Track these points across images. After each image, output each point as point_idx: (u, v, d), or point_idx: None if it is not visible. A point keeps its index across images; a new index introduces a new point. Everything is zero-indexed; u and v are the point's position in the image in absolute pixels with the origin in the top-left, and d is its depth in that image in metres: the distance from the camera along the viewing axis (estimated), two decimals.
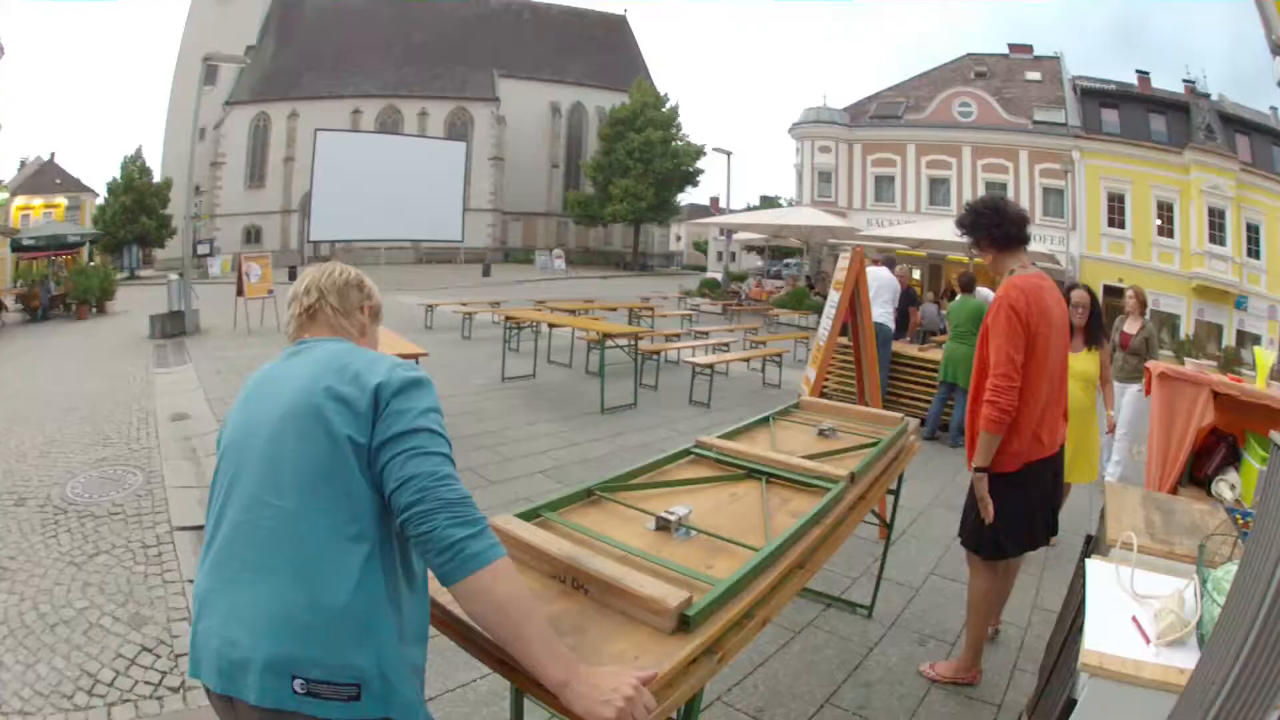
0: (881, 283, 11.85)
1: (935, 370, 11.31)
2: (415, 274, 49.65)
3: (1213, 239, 36.04)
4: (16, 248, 36.90)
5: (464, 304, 21.78)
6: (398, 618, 1.91)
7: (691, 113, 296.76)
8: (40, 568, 5.78)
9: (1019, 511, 4.33)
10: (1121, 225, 39.13)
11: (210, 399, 11.90)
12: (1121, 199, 39.14)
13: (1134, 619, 2.61)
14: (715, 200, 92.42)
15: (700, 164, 66.75)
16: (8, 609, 5.16)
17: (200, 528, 6.45)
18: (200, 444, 9.27)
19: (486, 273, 51.38)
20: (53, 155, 73.92)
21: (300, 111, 71.18)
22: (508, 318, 15.33)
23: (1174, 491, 5.30)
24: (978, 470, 4.25)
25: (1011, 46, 48.57)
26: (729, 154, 40.99)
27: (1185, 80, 40.91)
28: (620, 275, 61.57)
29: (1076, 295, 6.96)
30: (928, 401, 11.54)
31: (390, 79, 74.51)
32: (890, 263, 12.83)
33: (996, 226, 4.44)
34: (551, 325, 14.88)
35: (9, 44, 30.76)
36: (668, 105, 66.65)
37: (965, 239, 4.61)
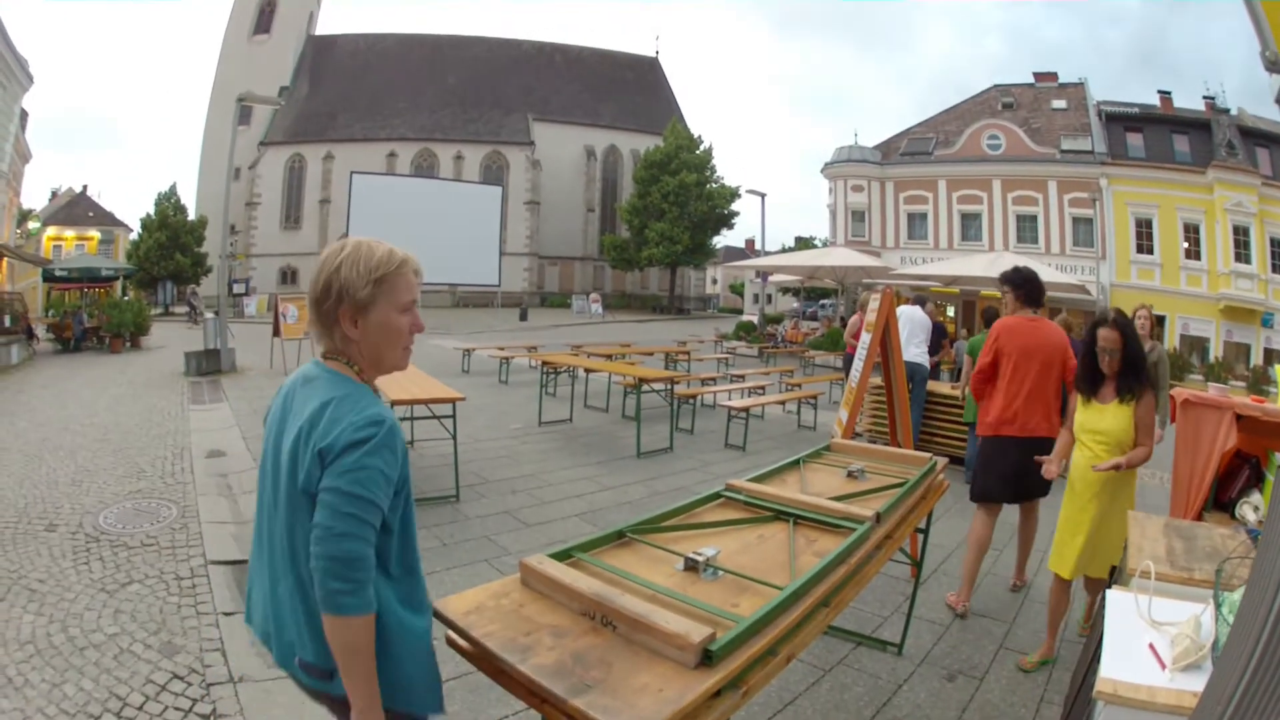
0: (916, 323, 11.85)
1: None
2: (452, 318, 49.81)
3: (1238, 257, 35.95)
4: (49, 278, 37.33)
5: (501, 348, 21.86)
6: (393, 619, 2.27)
7: (725, 153, 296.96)
8: (70, 592, 5.85)
9: (990, 470, 6.44)
10: (1150, 251, 39.09)
11: (246, 437, 11.94)
12: (1149, 224, 39.12)
13: (1150, 646, 2.64)
14: (750, 242, 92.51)
15: (735, 206, 66.70)
16: (36, 629, 5.23)
17: (236, 563, 6.52)
18: (236, 481, 9.32)
19: (524, 317, 51.34)
20: (85, 188, 74.57)
21: (335, 153, 72.16)
22: (544, 362, 15.32)
23: (1199, 517, 5.30)
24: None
25: (1037, 75, 48.83)
26: (763, 195, 40.65)
27: (1205, 97, 41.17)
28: (657, 319, 61.61)
29: (1103, 337, 5.28)
30: (962, 439, 11.34)
31: (425, 122, 75.09)
32: (921, 301, 12.79)
33: (1030, 293, 6.66)
34: (588, 370, 14.94)
35: (39, 74, 31.05)
36: (701, 147, 66.76)
37: (1002, 285, 6.80)
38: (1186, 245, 37.97)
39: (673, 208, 64.15)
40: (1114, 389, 5.29)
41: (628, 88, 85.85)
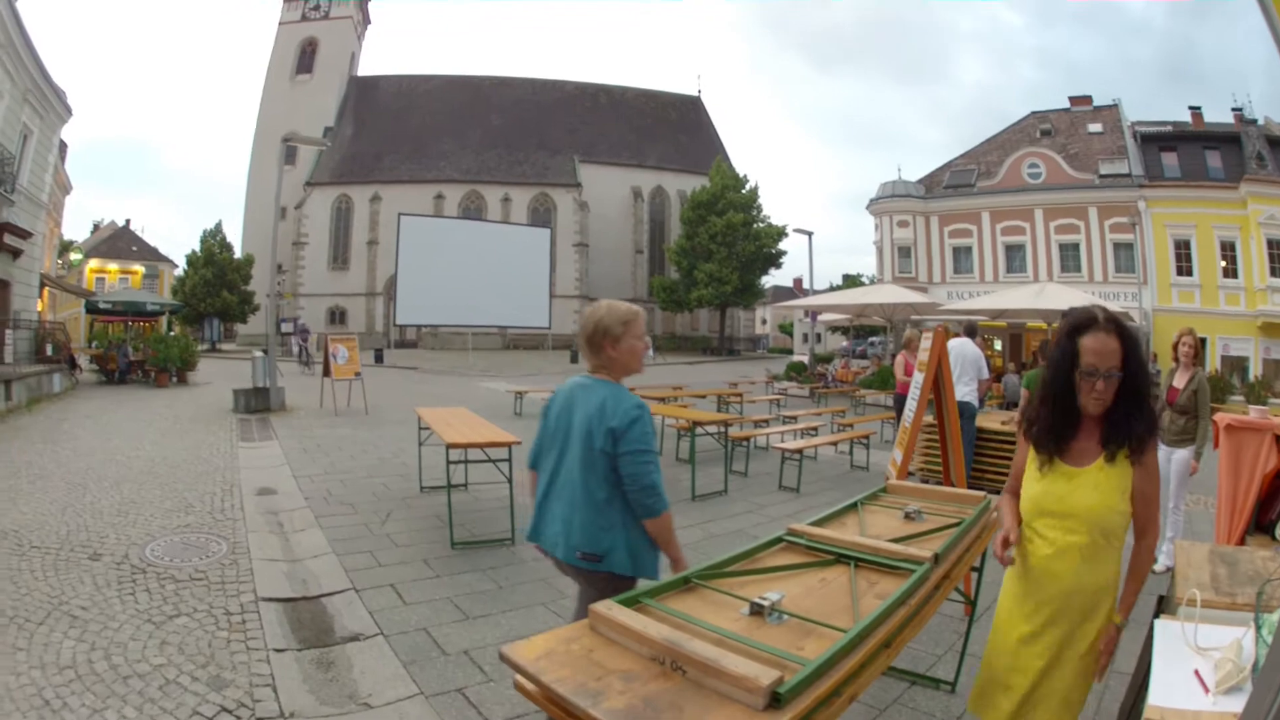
0: (966, 360, 11.75)
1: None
2: (503, 360, 50.27)
3: (1274, 272, 35.71)
4: (92, 309, 37.86)
5: (553, 391, 21.42)
6: (636, 525, 3.81)
7: (769, 192, 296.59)
8: (115, 621, 5.83)
9: None
10: (1189, 272, 38.79)
11: (297, 476, 11.96)
12: (1187, 244, 38.87)
13: (1196, 672, 2.65)
14: (799, 281, 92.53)
15: (782, 245, 66.50)
16: (77, 655, 5.22)
17: (288, 600, 6.54)
18: (287, 519, 9.31)
19: (575, 359, 50.72)
20: (128, 222, 76.08)
21: (382, 195, 73.15)
22: None
23: (1241, 541, 5.27)
24: None
25: (1072, 99, 49.00)
26: (810, 234, 40.30)
27: (1234, 108, 41.22)
28: (707, 360, 61.43)
29: (1094, 348, 3.15)
30: None
31: (471, 164, 75.84)
32: (971, 331, 12.67)
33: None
34: None
35: (80, 107, 31.84)
36: (747, 187, 66.78)
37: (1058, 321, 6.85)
38: (1224, 264, 37.78)
39: (721, 248, 64.27)
40: (1098, 439, 3.26)
41: (672, 128, 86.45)
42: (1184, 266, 38.90)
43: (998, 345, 40.75)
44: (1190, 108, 43.02)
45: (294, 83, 79.99)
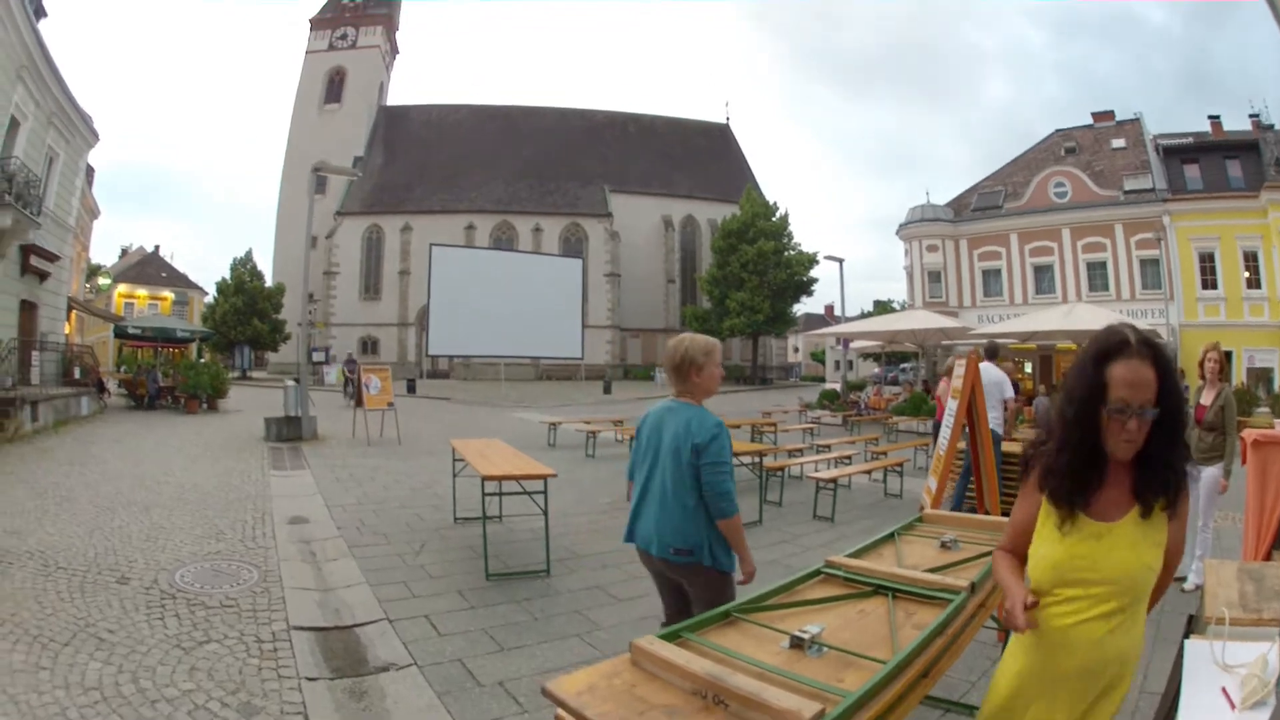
0: (988, 384, 11.62)
1: None
2: (536, 391, 50.28)
3: None
4: (121, 334, 38.16)
5: (587, 422, 21.49)
6: (713, 527, 4.38)
7: (797, 218, 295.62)
8: (143, 645, 5.80)
9: None
10: (1214, 286, 38.64)
11: (330, 505, 11.91)
12: (1211, 257, 38.71)
13: (1223, 690, 2.62)
14: (830, 308, 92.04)
15: (813, 272, 66.15)
16: (104, 677, 5.20)
17: (320, 629, 6.50)
18: (319, 549, 9.27)
19: (607, 390, 51.01)
20: (157, 248, 77.02)
21: (413, 225, 73.42)
22: (632, 437, 14.91)
23: (1269, 556, 5.22)
24: None
25: (1095, 115, 49.13)
26: (840, 261, 39.92)
27: (1251, 114, 41.65)
28: (740, 390, 61.12)
29: (1126, 378, 2.57)
30: None
31: (502, 194, 76.14)
32: (992, 352, 12.43)
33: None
34: None
35: (107, 132, 32.07)
36: (777, 214, 66.57)
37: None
38: (1247, 274, 37.65)
39: (752, 277, 63.92)
40: (1129, 488, 2.71)
41: (701, 155, 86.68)
42: (1209, 280, 38.83)
43: (1028, 368, 40.62)
44: (1210, 117, 43.63)
45: (323, 112, 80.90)
